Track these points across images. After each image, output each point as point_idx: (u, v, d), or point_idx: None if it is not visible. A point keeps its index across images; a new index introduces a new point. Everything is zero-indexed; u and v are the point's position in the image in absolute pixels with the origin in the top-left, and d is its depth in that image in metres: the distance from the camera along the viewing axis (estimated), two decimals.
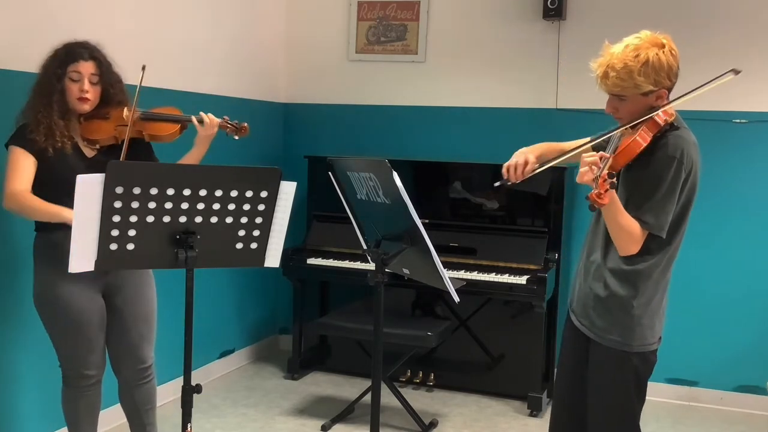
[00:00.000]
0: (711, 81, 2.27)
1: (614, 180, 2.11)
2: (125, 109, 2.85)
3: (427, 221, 3.01)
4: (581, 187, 2.64)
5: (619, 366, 2.35)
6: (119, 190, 2.22)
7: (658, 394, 4.48)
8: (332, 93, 5.13)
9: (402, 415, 4.05)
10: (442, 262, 2.27)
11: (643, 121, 2.26)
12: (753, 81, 4.28)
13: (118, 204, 2.23)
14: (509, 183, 2.45)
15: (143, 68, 2.78)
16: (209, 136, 2.94)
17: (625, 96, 2.28)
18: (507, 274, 4.17)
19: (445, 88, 4.90)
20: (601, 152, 2.21)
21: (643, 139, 2.24)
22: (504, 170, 2.46)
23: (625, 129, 2.29)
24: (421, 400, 4.38)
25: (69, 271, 2.26)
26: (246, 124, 3.02)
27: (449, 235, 4.42)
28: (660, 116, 2.25)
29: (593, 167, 2.11)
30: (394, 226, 2.37)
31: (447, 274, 2.27)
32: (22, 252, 3.04)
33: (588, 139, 2.59)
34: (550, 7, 4.51)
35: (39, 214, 2.71)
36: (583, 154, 2.19)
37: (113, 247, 2.28)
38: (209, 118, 2.92)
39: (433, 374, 4.56)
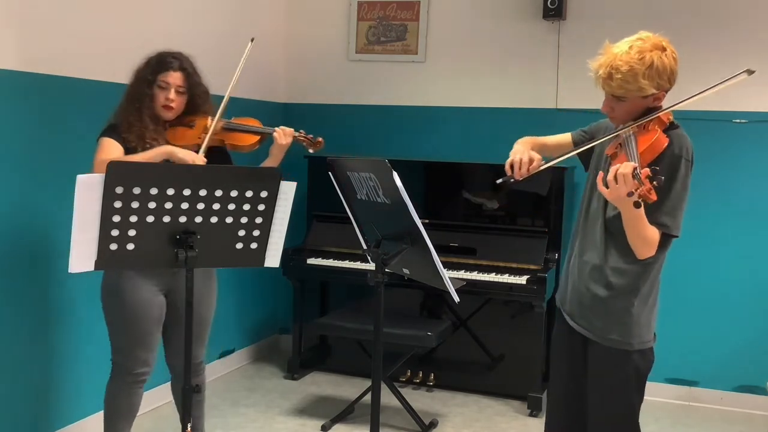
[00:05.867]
0: (724, 81, 2.23)
1: (661, 177, 2.02)
2: (209, 119, 3.00)
3: (427, 221, 3.02)
4: (581, 186, 2.64)
5: (620, 365, 2.35)
6: (119, 190, 2.22)
7: (658, 394, 4.49)
8: (332, 93, 5.13)
9: (402, 415, 4.05)
10: (442, 262, 2.27)
11: (650, 119, 2.25)
12: (753, 81, 4.24)
13: (118, 204, 2.23)
14: (512, 180, 2.38)
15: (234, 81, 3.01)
16: (284, 147, 3.09)
17: (625, 98, 2.26)
18: (507, 274, 4.17)
19: (445, 88, 4.90)
20: (624, 163, 2.11)
21: (663, 137, 2.21)
22: (508, 167, 2.39)
23: (634, 128, 2.26)
24: (421, 400, 4.38)
25: (69, 271, 2.27)
26: (321, 139, 3.24)
27: (449, 235, 4.42)
28: (663, 115, 2.25)
29: (627, 177, 2.04)
30: (394, 226, 2.37)
31: (447, 274, 2.27)
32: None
33: (570, 135, 2.59)
34: (550, 7, 4.51)
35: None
36: (615, 168, 2.09)
37: (113, 247, 2.28)
38: (286, 131, 3.09)
39: (433, 374, 4.56)
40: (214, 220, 2.38)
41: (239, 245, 2.47)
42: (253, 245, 2.50)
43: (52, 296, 3.47)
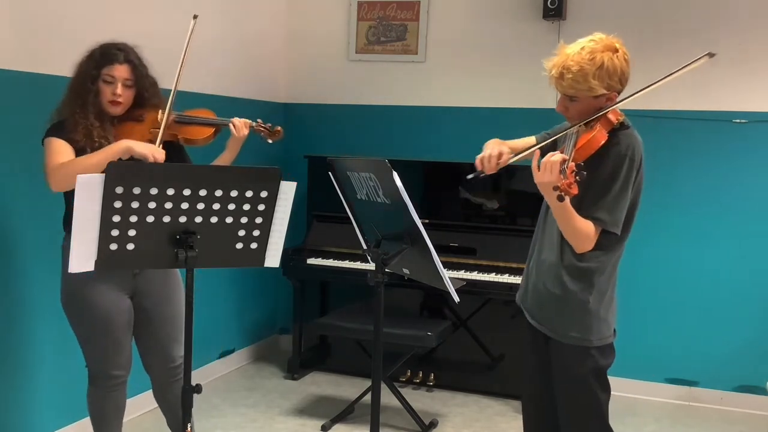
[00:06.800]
0: (686, 65, 2.28)
1: (584, 172, 2.11)
2: (159, 112, 2.85)
3: (427, 221, 3.02)
4: None
5: (580, 362, 2.39)
6: (119, 190, 2.22)
7: (658, 394, 4.49)
8: (332, 93, 5.13)
9: (402, 415, 4.05)
10: (442, 262, 2.27)
11: (597, 118, 2.30)
12: (753, 81, 4.29)
13: (118, 204, 2.23)
14: (482, 175, 2.45)
15: (178, 72, 2.81)
16: (241, 139, 2.97)
17: (577, 97, 2.32)
18: (507, 274, 4.18)
19: (445, 88, 4.90)
20: (558, 153, 2.21)
21: (601, 135, 2.27)
22: (478, 162, 2.45)
23: (581, 126, 2.32)
24: (421, 400, 4.38)
25: (69, 271, 2.26)
26: (279, 128, 3.06)
27: (449, 235, 4.42)
28: (611, 115, 2.29)
29: (555, 165, 2.13)
30: (394, 226, 2.37)
31: (447, 274, 2.27)
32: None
33: (534, 137, 2.63)
34: (550, 7, 4.51)
35: (95, 166, 2.56)
36: (550, 154, 2.19)
37: (113, 247, 2.28)
38: (242, 122, 2.96)
39: (433, 374, 4.56)
40: (214, 220, 2.38)
41: (239, 245, 2.47)
42: (253, 245, 2.49)
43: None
